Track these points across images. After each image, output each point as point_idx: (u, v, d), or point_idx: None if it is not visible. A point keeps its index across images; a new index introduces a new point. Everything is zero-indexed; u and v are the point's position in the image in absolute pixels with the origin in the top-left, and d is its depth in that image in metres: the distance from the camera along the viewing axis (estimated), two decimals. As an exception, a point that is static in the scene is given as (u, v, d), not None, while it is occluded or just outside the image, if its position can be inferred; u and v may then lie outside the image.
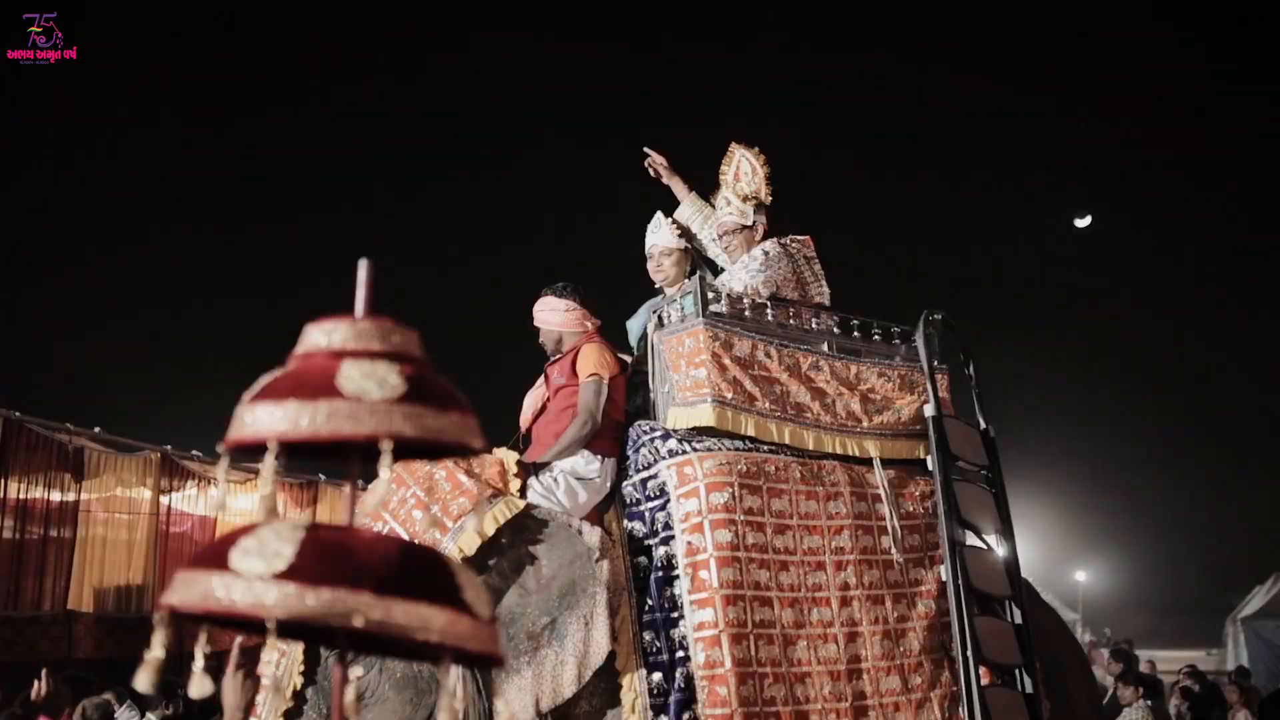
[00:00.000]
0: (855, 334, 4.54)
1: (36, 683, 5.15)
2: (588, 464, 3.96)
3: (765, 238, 4.60)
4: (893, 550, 4.15)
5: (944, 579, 4.13)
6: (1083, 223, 19.43)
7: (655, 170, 4.93)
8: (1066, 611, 21.67)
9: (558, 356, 4.27)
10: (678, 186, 4.92)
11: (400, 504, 3.56)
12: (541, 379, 4.36)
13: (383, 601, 0.94)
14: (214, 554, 0.98)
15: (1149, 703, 7.43)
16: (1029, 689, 4.18)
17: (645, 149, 4.95)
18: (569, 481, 3.90)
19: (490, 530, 3.51)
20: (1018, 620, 4.30)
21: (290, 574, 0.95)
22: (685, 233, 4.75)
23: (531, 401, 4.36)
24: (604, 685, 3.61)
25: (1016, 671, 4.20)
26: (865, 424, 4.33)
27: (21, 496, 8.97)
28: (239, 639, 2.70)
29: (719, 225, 4.69)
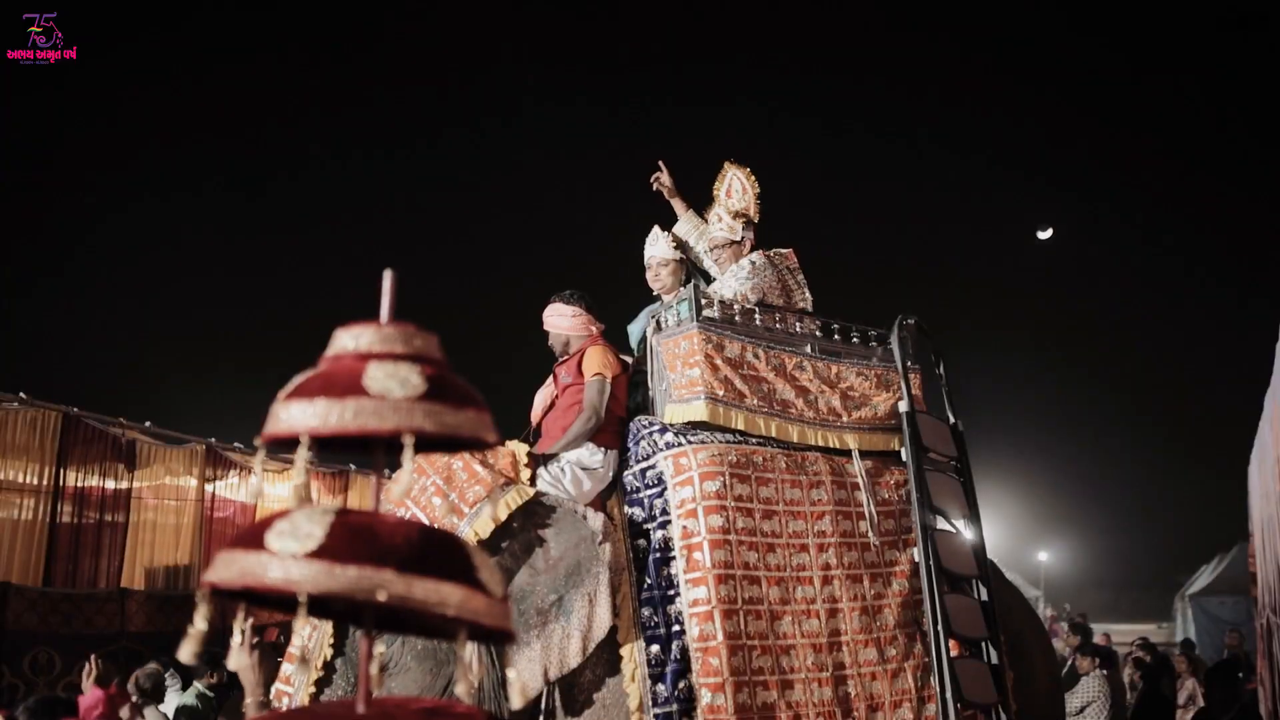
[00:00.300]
0: (836, 337, 4.53)
1: (88, 665, 5.16)
2: (592, 455, 3.96)
3: (752, 251, 4.60)
4: (870, 534, 4.14)
5: (916, 560, 4.12)
6: (1045, 235, 19.31)
7: (659, 187, 4.93)
8: (1030, 589, 21.63)
9: (565, 358, 4.26)
10: (677, 205, 4.92)
11: (421, 491, 3.55)
12: (551, 378, 4.35)
13: (404, 578, 0.94)
14: (251, 536, 0.98)
15: (1105, 672, 7.42)
16: (994, 660, 4.17)
17: (659, 163, 4.94)
18: (575, 471, 3.89)
19: (503, 515, 3.50)
20: (984, 597, 4.30)
21: (320, 553, 0.94)
22: (681, 246, 4.75)
23: (541, 398, 4.35)
24: (606, 656, 3.60)
25: (983, 644, 4.20)
26: (845, 419, 4.32)
27: (79, 485, 8.98)
28: (249, 620, 2.61)
29: (710, 239, 4.68)
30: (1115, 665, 8.84)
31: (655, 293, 4.66)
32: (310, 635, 3.28)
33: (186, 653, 1.00)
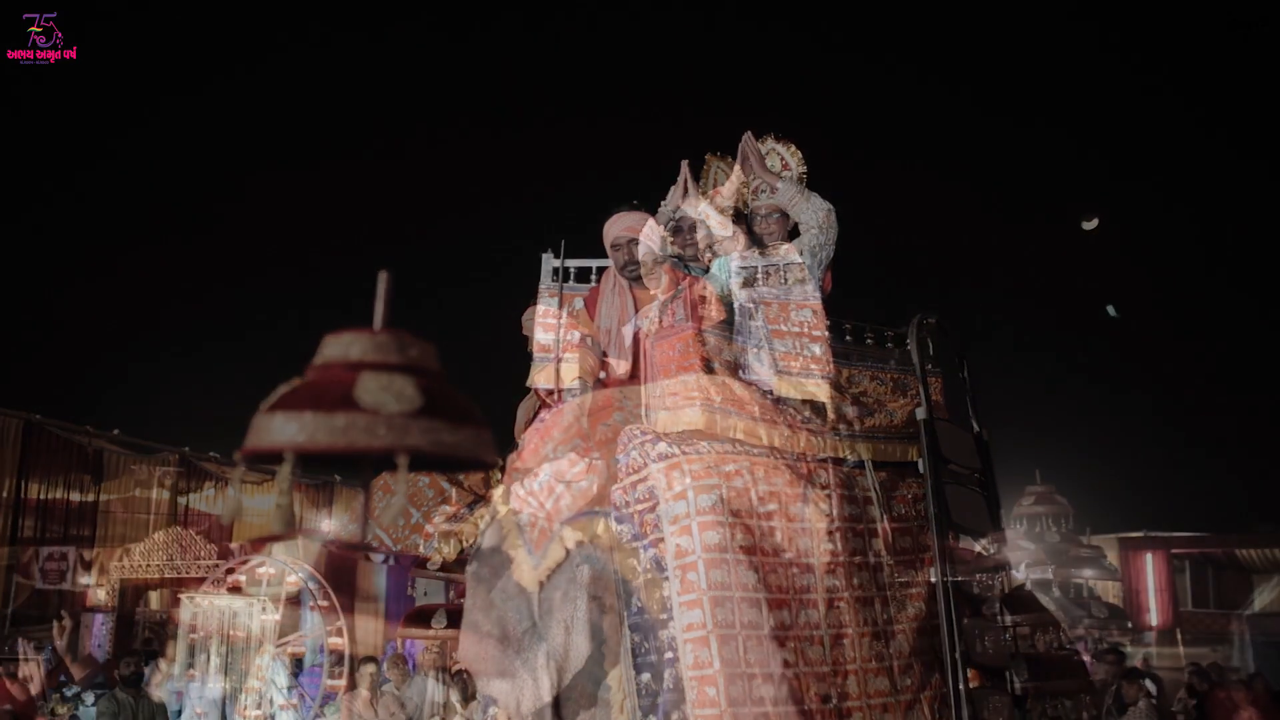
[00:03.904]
0: (847, 338, 4.48)
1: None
2: (574, 468, 3.91)
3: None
4: (883, 553, 4.08)
5: (933, 581, 4.05)
6: (1090, 225, 19.21)
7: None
8: (1073, 606, 21.46)
9: (552, 362, 4.21)
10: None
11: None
12: (536, 398, 4.29)
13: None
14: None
15: (1155, 700, 7.33)
16: (1019, 691, 4.10)
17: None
18: (554, 486, 3.85)
19: (470, 538, 3.46)
20: (1007, 622, 4.23)
21: None
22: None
23: (523, 411, 4.31)
24: (591, 686, 3.56)
25: (1006, 674, 4.13)
26: (856, 427, 4.26)
27: (42, 497, 9.00)
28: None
29: (702, 238, 4.64)
30: (1163, 692, 8.75)
31: (651, 292, 4.61)
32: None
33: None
